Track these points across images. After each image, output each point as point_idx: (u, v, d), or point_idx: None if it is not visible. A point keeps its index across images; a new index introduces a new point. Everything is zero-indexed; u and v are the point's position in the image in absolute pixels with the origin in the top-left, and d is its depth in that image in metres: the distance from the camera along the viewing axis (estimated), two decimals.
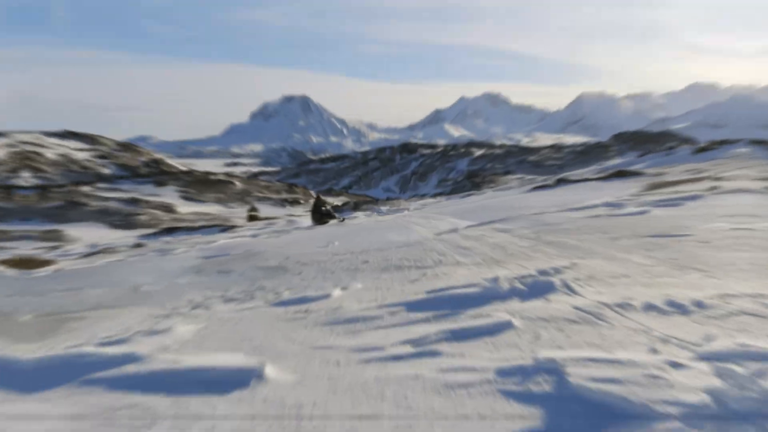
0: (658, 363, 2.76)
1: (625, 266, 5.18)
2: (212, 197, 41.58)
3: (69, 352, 3.76)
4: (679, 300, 3.87)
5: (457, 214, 12.65)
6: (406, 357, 3.36)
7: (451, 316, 4.14)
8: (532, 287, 4.70)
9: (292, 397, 2.90)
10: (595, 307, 3.97)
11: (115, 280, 7.92)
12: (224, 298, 6.01)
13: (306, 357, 3.58)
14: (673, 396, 2.43)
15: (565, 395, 2.59)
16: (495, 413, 2.52)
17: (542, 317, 3.90)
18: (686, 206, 8.28)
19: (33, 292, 7.54)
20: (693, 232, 6.23)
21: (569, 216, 8.33)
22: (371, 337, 3.84)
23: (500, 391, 2.71)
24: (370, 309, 4.65)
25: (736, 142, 24.04)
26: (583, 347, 3.26)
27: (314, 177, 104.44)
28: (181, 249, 13.65)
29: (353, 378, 3.08)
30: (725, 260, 4.97)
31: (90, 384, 3.24)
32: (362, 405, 2.71)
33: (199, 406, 2.84)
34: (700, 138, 74.23)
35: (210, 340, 4.24)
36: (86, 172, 56.22)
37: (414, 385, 2.88)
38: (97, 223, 32.15)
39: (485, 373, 2.93)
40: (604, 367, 2.77)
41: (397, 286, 5.64)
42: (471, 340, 3.58)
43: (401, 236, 9.47)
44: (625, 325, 3.57)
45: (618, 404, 2.45)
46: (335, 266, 7.23)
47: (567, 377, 2.70)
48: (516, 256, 6.51)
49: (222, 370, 3.24)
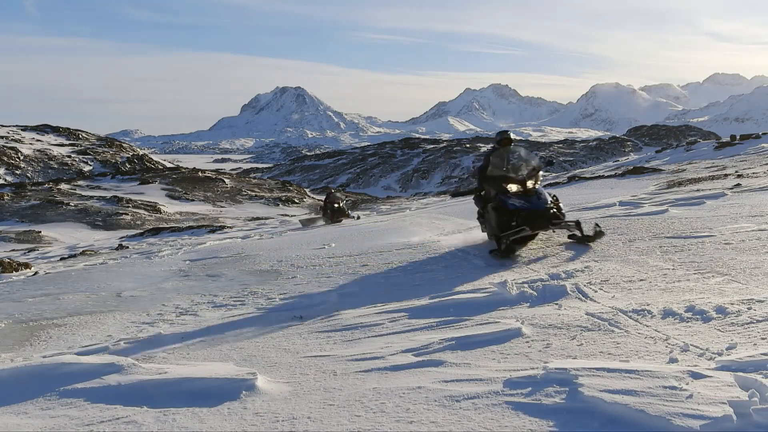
0: (678, 373, 2.76)
1: (641, 269, 5.18)
2: (200, 196, 41.59)
3: (47, 362, 3.76)
4: (700, 306, 3.88)
5: (463, 213, 12.66)
6: (408, 367, 3.36)
7: (456, 323, 4.15)
8: (542, 292, 4.71)
9: (285, 410, 2.90)
10: (610, 314, 3.98)
11: (96, 285, 7.93)
12: (213, 304, 6.01)
13: (300, 367, 3.58)
14: (693, 409, 2.43)
15: (578, 408, 2.59)
16: (503, 427, 2.52)
17: (553, 324, 3.90)
18: (707, 206, 8.29)
19: (8, 297, 7.55)
20: (714, 233, 6.24)
21: (582, 216, 8.33)
22: (370, 346, 3.85)
23: (508, 403, 2.71)
24: (369, 315, 4.66)
25: (761, 136, 24.05)
26: (596, 356, 3.26)
27: (309, 174, 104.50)
28: (167, 251, 13.66)
29: (351, 390, 3.08)
30: (749, 263, 4.97)
31: (69, 396, 3.24)
32: (360, 419, 2.71)
33: (186, 420, 2.84)
34: (722, 132, 74.23)
35: (198, 349, 4.24)
36: (65, 168, 56.25)
37: (416, 398, 2.88)
38: (77, 223, 32.14)
39: (492, 384, 2.93)
40: (619, 378, 2.78)
41: (397, 291, 5.64)
42: (477, 348, 3.58)
43: (402, 238, 9.48)
44: (641, 332, 3.57)
45: (634, 417, 2.45)
46: (332, 270, 7.23)
47: (580, 388, 2.70)
48: (525, 258, 6.52)
49: (210, 381, 3.24)
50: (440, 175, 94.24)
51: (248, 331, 4.65)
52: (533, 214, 6.61)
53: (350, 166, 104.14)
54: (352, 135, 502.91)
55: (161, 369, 3.51)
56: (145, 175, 46.94)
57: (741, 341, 3.23)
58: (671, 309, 3.90)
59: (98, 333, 5.31)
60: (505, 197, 6.80)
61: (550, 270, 5.54)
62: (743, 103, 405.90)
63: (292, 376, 3.40)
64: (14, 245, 25.40)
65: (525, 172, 7.02)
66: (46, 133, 64.29)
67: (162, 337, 4.51)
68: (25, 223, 31.30)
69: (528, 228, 6.58)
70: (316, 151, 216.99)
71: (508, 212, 6.70)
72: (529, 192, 6.82)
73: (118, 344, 4.36)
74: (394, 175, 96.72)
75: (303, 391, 3.14)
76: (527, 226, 6.57)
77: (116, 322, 5.70)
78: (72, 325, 5.73)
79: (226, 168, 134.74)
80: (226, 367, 3.52)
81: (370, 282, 6.30)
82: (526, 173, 7.01)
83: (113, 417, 2.93)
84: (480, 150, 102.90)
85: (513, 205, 6.68)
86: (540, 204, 6.70)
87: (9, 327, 5.83)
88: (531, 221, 6.59)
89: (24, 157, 55.56)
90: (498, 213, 6.79)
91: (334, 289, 5.96)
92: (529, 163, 7.16)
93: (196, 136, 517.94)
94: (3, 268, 12.77)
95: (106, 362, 3.61)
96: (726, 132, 43.13)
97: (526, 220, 6.58)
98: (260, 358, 3.85)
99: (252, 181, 52.46)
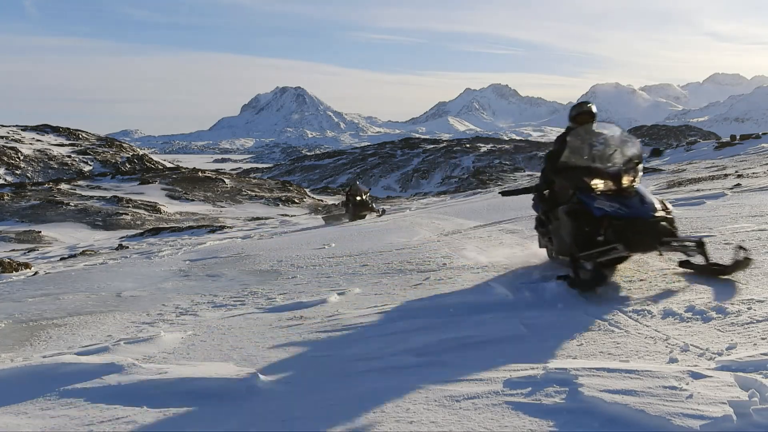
0: (678, 373, 2.76)
1: (641, 269, 5.18)
2: (200, 196, 41.57)
3: (47, 362, 3.76)
4: (700, 306, 3.88)
5: (463, 214, 12.66)
6: (408, 367, 3.36)
7: (456, 323, 4.15)
8: (542, 292, 4.71)
9: (285, 410, 2.90)
10: (610, 314, 3.98)
11: (96, 285, 7.93)
12: (213, 304, 6.01)
13: (300, 367, 3.58)
14: (692, 409, 2.43)
15: (578, 408, 2.59)
16: (503, 427, 2.52)
17: (553, 324, 3.90)
18: (707, 205, 8.28)
19: (8, 297, 7.55)
20: (714, 233, 6.24)
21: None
22: (370, 346, 3.85)
23: (508, 403, 2.71)
24: (369, 315, 4.65)
25: (761, 136, 24.07)
26: (597, 356, 3.26)
27: (309, 174, 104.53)
28: (167, 251, 13.66)
29: (351, 390, 3.08)
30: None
31: (69, 396, 3.24)
32: (360, 419, 2.71)
33: (186, 420, 2.84)
34: (722, 132, 74.27)
35: (198, 349, 4.24)
36: (65, 168, 56.26)
37: (416, 398, 2.88)
38: (77, 223, 32.12)
39: (492, 384, 2.93)
40: (619, 378, 2.78)
41: (398, 291, 5.64)
42: (477, 348, 3.58)
43: (402, 238, 9.48)
44: (641, 332, 3.57)
45: (634, 417, 2.45)
46: (332, 270, 7.23)
47: (579, 389, 2.70)
48: (525, 259, 6.51)
49: (210, 381, 3.24)
50: (440, 175, 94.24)
51: (248, 331, 4.65)
52: (633, 225, 4.43)
53: (350, 166, 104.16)
54: (352, 135, 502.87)
55: (161, 369, 3.51)
56: (145, 175, 46.95)
57: (741, 341, 3.23)
58: (671, 309, 3.90)
59: (98, 333, 5.31)
60: (588, 197, 4.66)
61: (551, 270, 5.53)
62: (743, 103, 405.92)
63: (292, 376, 3.40)
64: (14, 245, 25.39)
65: (619, 162, 4.81)
66: (46, 133, 64.30)
67: (162, 337, 4.51)
68: (25, 223, 31.30)
69: (623, 246, 4.45)
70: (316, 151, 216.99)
71: (593, 220, 4.55)
72: (627, 192, 4.65)
73: (118, 344, 4.36)
74: (394, 175, 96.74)
75: (303, 391, 3.14)
76: (622, 244, 4.44)
77: (116, 322, 5.70)
78: (72, 325, 5.73)
79: (226, 168, 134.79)
80: (226, 367, 3.52)
81: (370, 282, 6.30)
82: (621, 164, 4.80)
83: (113, 417, 2.93)
84: (480, 150, 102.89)
85: (601, 210, 4.53)
86: (644, 210, 4.52)
87: (9, 327, 5.83)
88: (629, 235, 4.42)
89: (24, 157, 55.57)
90: (576, 221, 4.67)
91: (334, 289, 5.95)
92: (624, 150, 4.91)
93: (196, 136, 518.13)
94: (3, 268, 12.77)
95: (106, 362, 3.62)
96: (726, 132, 43.15)
97: (621, 233, 4.42)
98: (260, 358, 3.85)
99: (252, 181, 52.47)
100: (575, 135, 5.13)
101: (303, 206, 41.18)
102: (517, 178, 54.35)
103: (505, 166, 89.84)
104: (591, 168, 4.83)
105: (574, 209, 4.76)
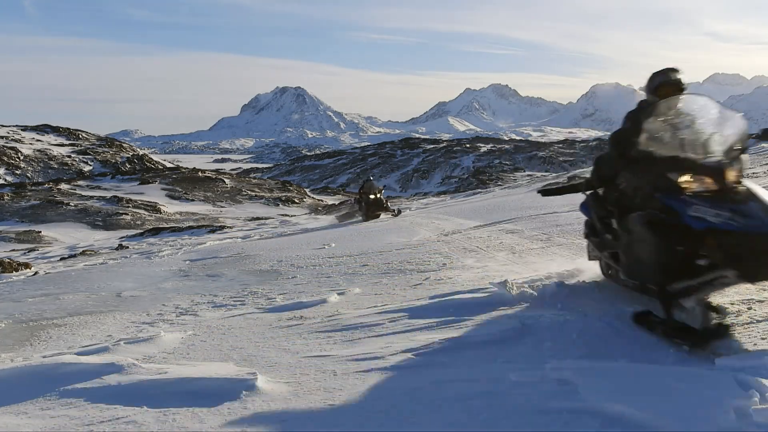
0: (677, 373, 2.76)
1: None
2: (200, 196, 41.55)
3: (47, 362, 3.76)
4: None
5: (463, 214, 12.66)
6: (408, 367, 3.36)
7: (456, 323, 4.14)
8: (542, 292, 4.70)
9: (285, 410, 2.90)
10: (610, 314, 3.97)
11: (96, 285, 7.93)
12: (213, 304, 6.01)
13: (300, 367, 3.58)
14: (692, 409, 2.43)
15: (578, 408, 2.58)
16: (503, 428, 2.51)
17: (553, 324, 3.90)
18: None
19: (8, 297, 7.55)
20: None
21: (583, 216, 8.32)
22: (370, 346, 3.85)
23: (509, 403, 2.71)
24: (369, 315, 4.65)
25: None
26: (596, 357, 3.26)
27: (309, 174, 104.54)
28: (167, 251, 13.65)
29: (351, 390, 3.08)
30: None
31: (69, 396, 3.24)
32: (360, 419, 2.71)
33: (186, 420, 2.84)
34: None
35: (198, 350, 4.24)
36: (65, 168, 56.25)
37: (416, 398, 2.87)
38: (77, 223, 32.10)
39: (492, 385, 2.93)
40: (619, 378, 2.78)
41: (398, 291, 5.64)
42: (477, 348, 3.58)
43: (402, 238, 9.48)
44: (641, 332, 3.56)
45: (634, 417, 2.45)
46: (332, 270, 7.23)
47: (581, 389, 2.70)
48: (525, 259, 6.52)
49: (210, 381, 3.24)
50: (440, 175, 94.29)
51: (248, 331, 4.65)
52: (753, 243, 2.94)
53: (350, 166, 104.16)
54: (352, 135, 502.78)
55: (161, 369, 3.51)
56: (145, 175, 46.93)
57: (741, 341, 3.23)
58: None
59: (98, 333, 5.32)
60: (679, 202, 3.24)
61: (551, 270, 5.53)
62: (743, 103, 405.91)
63: (292, 376, 3.40)
64: (14, 245, 25.39)
65: (720, 151, 3.32)
66: (46, 133, 64.28)
67: (162, 337, 4.50)
68: (25, 223, 31.29)
69: (738, 273, 3.05)
70: (316, 151, 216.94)
71: (690, 235, 3.15)
72: (734, 192, 3.17)
73: (118, 344, 4.35)
74: (394, 175, 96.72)
75: (303, 391, 3.13)
76: (737, 270, 3.04)
77: (116, 322, 5.71)
78: (72, 325, 5.73)
79: (226, 168, 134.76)
80: (226, 367, 3.52)
81: (370, 282, 6.30)
82: (722, 153, 3.32)
83: (113, 417, 2.93)
84: (480, 150, 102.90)
85: (702, 221, 3.09)
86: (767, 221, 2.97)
87: (9, 327, 5.83)
88: (746, 258, 2.97)
89: (24, 157, 55.57)
90: (662, 237, 3.28)
91: (334, 289, 5.95)
92: (724, 133, 3.40)
93: (196, 136, 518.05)
94: (3, 268, 12.77)
95: (106, 362, 3.61)
96: None
97: (733, 254, 3.00)
98: (260, 358, 3.85)
99: (252, 181, 52.45)
100: (655, 113, 3.56)
101: (303, 206, 41.17)
102: (517, 178, 54.31)
103: (505, 166, 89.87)
104: (680, 159, 3.34)
105: (659, 219, 3.34)
